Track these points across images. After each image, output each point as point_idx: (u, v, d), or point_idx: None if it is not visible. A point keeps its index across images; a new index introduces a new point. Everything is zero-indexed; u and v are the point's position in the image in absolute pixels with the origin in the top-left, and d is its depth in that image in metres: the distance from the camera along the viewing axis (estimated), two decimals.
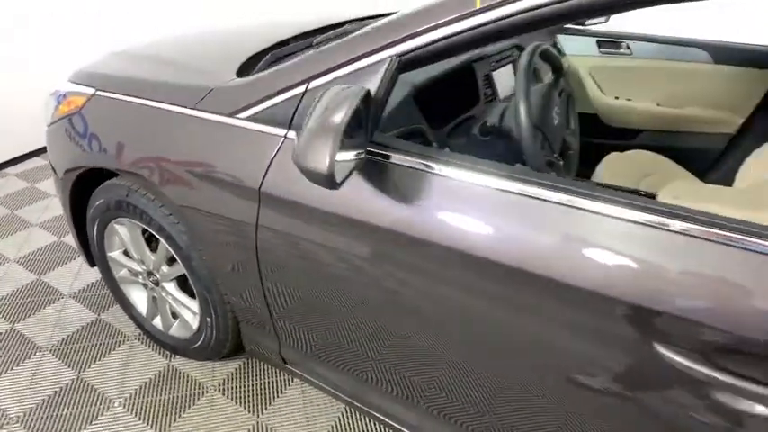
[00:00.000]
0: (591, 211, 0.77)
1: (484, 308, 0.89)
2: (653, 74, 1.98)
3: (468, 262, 0.85)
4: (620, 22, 2.13)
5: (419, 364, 1.05)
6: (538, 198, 0.81)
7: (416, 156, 0.93)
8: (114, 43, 2.19)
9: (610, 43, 2.04)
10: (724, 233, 0.69)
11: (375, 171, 0.96)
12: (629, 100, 2.05)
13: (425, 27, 0.90)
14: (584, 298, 0.76)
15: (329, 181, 0.79)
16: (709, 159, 1.97)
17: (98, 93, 1.45)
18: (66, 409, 1.50)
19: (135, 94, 1.34)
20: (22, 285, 1.99)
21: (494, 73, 1.49)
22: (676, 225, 0.71)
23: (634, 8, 0.82)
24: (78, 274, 2.05)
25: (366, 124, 0.90)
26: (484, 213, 0.85)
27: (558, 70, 1.43)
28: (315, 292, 1.13)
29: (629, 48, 2.01)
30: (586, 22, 2.13)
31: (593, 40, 2.06)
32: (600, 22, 2.18)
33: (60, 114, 1.54)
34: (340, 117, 0.79)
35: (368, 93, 0.87)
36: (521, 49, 1.48)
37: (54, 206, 2.50)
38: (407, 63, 0.94)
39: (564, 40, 2.10)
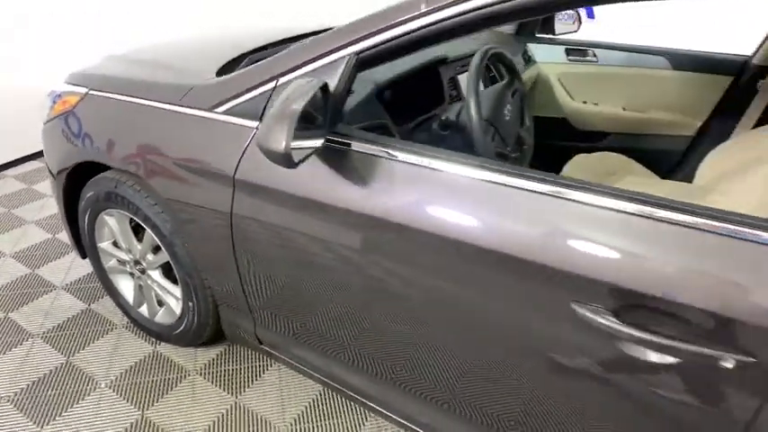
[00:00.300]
0: (516, 188, 0.87)
1: (435, 280, 0.98)
2: (617, 79, 2.09)
3: (422, 238, 0.95)
4: (588, 33, 2.26)
5: (385, 342, 1.14)
6: (479, 179, 0.91)
7: (374, 144, 1.03)
8: (114, 44, 2.31)
9: (577, 51, 2.16)
10: (643, 208, 0.78)
11: (337, 157, 1.06)
12: (596, 104, 2.17)
13: (379, 28, 1.01)
14: (520, 266, 0.86)
15: (287, 160, 0.90)
16: (672, 160, 2.08)
17: (91, 92, 1.55)
18: (54, 390, 1.59)
19: (124, 93, 1.45)
20: (16, 278, 2.08)
21: (459, 76, 1.60)
22: (607, 203, 0.80)
23: (571, 7, 0.93)
24: (70, 267, 2.14)
25: (326, 114, 1.01)
26: (432, 194, 0.95)
27: (511, 72, 1.54)
28: (284, 273, 1.23)
29: (595, 55, 2.13)
30: (557, 32, 2.25)
31: (562, 48, 2.18)
32: (572, 32, 2.31)
33: (55, 113, 1.65)
34: (297, 104, 0.90)
35: (325, 85, 0.98)
36: (499, 57, 1.59)
37: (50, 205, 2.60)
38: (365, 60, 1.05)
39: (535, 48, 2.22)
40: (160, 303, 1.72)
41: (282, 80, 1.14)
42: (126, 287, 1.77)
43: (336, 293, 1.16)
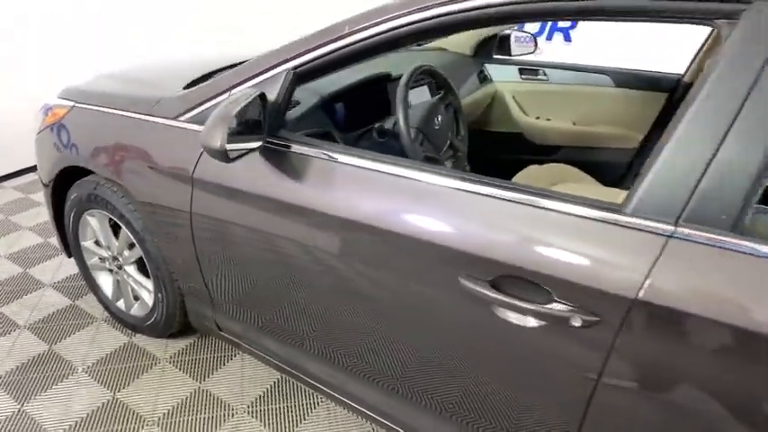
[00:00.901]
0: (427, 183, 1.03)
1: (362, 265, 1.13)
2: (567, 96, 2.26)
3: (352, 227, 1.09)
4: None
5: (328, 326, 1.28)
6: (397, 176, 1.06)
7: (312, 146, 1.19)
8: (114, 45, 2.44)
9: (529, 71, 2.34)
10: (513, 195, 0.93)
11: (279, 157, 1.22)
12: (548, 120, 2.34)
13: (311, 46, 1.18)
14: (417, 246, 1.01)
15: (223, 156, 1.06)
16: (618, 172, 2.23)
17: (76, 105, 1.74)
18: (36, 374, 1.74)
19: (104, 105, 1.63)
20: (9, 276, 2.24)
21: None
22: (496, 192, 0.95)
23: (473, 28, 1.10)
24: (59, 268, 2.31)
25: (264, 119, 1.18)
26: (359, 189, 1.10)
27: (443, 87, 1.70)
28: (236, 263, 1.38)
29: (545, 74, 2.31)
30: (513, 53, 2.43)
31: (516, 68, 2.36)
32: (529, 52, 2.49)
33: (46, 124, 1.84)
34: (232, 110, 1.07)
35: (262, 95, 1.15)
36: (432, 74, 1.76)
37: (44, 213, 2.75)
38: (301, 75, 1.22)
39: (491, 68, 2.41)
40: (136, 298, 1.87)
41: (234, 92, 1.31)
42: (105, 282, 1.93)
43: (282, 282, 1.30)
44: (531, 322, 0.93)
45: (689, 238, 0.80)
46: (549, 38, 4.22)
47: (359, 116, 1.60)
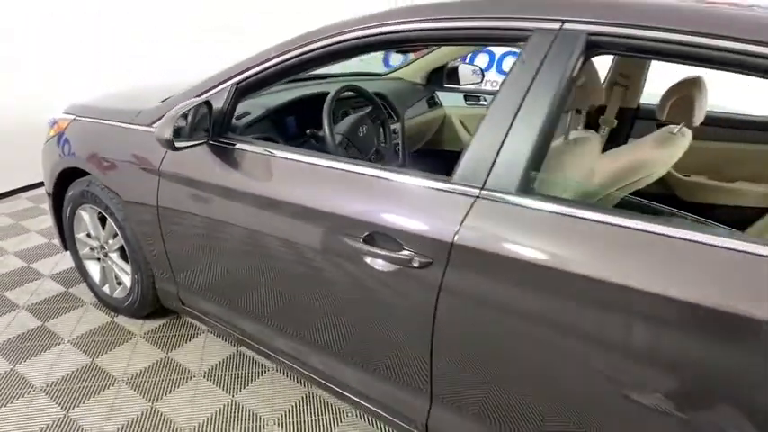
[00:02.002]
0: (325, 167, 1.34)
1: (284, 232, 1.42)
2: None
3: (283, 207, 1.39)
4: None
5: (268, 295, 1.56)
6: (309, 163, 1.38)
7: (251, 144, 1.52)
8: (113, 55, 2.67)
9: (473, 97, 2.68)
10: (377, 173, 1.25)
11: (225, 153, 1.55)
12: None
13: (248, 67, 1.53)
14: (320, 216, 1.31)
15: (169, 144, 1.40)
16: None
17: (77, 118, 2.11)
18: (29, 342, 2.04)
19: (98, 117, 1.99)
20: (14, 269, 2.58)
21: (351, 110, 2.12)
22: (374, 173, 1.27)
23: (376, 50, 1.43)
24: (58, 263, 2.64)
25: (210, 122, 1.51)
26: (286, 175, 1.42)
27: (369, 104, 2.04)
28: (192, 242, 1.69)
29: (485, 100, 2.64)
30: (461, 83, 2.78)
31: (461, 95, 2.71)
32: (476, 83, 2.84)
33: (51, 134, 2.20)
34: (180, 112, 1.40)
35: (207, 103, 1.49)
36: (360, 93, 2.08)
37: (50, 220, 3.13)
38: (242, 89, 1.56)
39: (441, 95, 2.75)
40: (119, 283, 2.19)
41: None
42: (94, 270, 2.25)
43: (229, 256, 1.61)
44: (389, 267, 1.22)
45: (489, 198, 1.10)
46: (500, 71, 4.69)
47: (301, 126, 1.94)
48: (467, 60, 2.90)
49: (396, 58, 3.91)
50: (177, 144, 1.42)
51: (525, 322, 1.07)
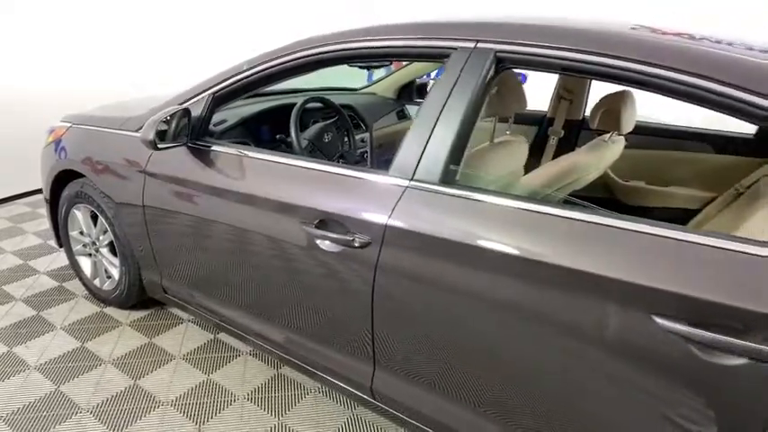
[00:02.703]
0: (288, 165, 1.56)
1: (254, 223, 1.63)
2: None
3: (252, 200, 1.60)
4: None
5: (246, 282, 1.75)
6: (274, 162, 1.59)
7: (225, 147, 1.73)
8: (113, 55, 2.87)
9: None
10: (330, 169, 1.46)
11: (202, 154, 1.76)
12: None
13: (223, 79, 1.75)
14: (281, 206, 1.52)
15: (151, 144, 1.62)
16: None
17: (73, 126, 2.32)
18: (23, 329, 2.23)
19: (91, 125, 2.21)
20: (12, 266, 2.78)
21: (320, 119, 2.34)
22: (307, 165, 1.49)
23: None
24: (53, 261, 2.84)
25: (189, 127, 1.73)
26: (254, 173, 1.63)
27: (336, 114, 2.27)
28: (174, 234, 1.90)
29: None
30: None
31: None
32: None
33: (50, 140, 2.42)
34: (161, 117, 1.62)
35: (186, 110, 1.71)
36: (326, 104, 2.32)
37: (46, 223, 3.33)
38: (218, 99, 1.79)
39: (410, 108, 2.99)
40: (108, 277, 2.38)
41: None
42: (86, 264, 2.45)
43: (206, 249, 1.81)
44: (337, 248, 1.43)
45: (416, 188, 1.32)
46: None
47: (273, 132, 2.16)
48: (431, 77, 3.14)
49: (377, 74, 4.15)
50: (159, 145, 1.64)
51: (446, 292, 1.28)
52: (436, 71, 3.59)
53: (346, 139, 2.28)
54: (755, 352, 0.92)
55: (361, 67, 2.80)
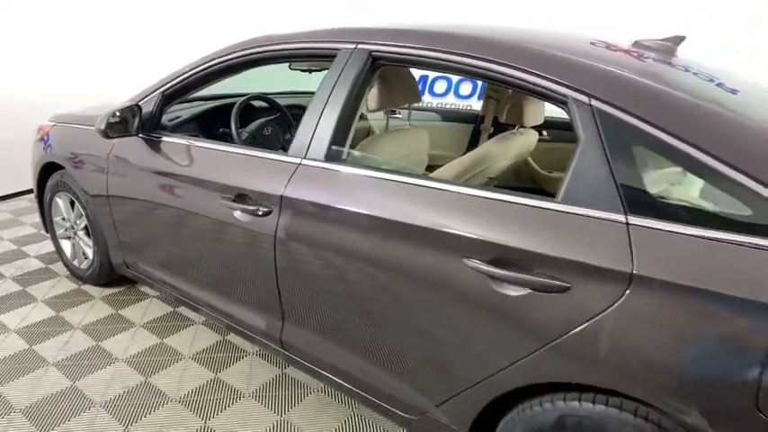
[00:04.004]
0: (220, 151, 1.85)
1: (194, 202, 1.91)
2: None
3: (195, 182, 1.88)
4: None
5: (189, 256, 2.03)
6: (211, 149, 1.88)
7: (174, 137, 2.03)
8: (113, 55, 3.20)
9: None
10: (250, 152, 1.75)
11: (154, 144, 2.06)
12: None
13: (171, 80, 2.06)
14: (216, 186, 1.80)
15: (104, 134, 1.92)
16: None
17: (57, 124, 2.65)
18: (9, 301, 2.55)
19: (71, 123, 2.54)
20: (7, 251, 3.12)
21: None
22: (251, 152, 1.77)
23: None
24: (43, 247, 3.17)
25: (140, 120, 2.03)
26: (192, 158, 1.92)
27: (276, 110, 2.56)
28: (132, 214, 2.20)
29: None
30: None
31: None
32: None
33: (38, 137, 2.75)
34: (113, 112, 1.93)
35: (137, 105, 2.01)
36: (268, 101, 2.61)
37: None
38: (167, 96, 2.09)
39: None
40: (86, 258, 2.69)
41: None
42: (67, 246, 2.77)
43: (159, 225, 2.09)
44: (247, 217, 1.69)
45: (307, 165, 1.58)
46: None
47: (220, 127, 2.46)
48: None
49: None
50: (110, 134, 1.95)
51: (327, 250, 1.53)
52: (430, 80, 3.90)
53: (288, 134, 2.56)
54: (533, 283, 1.16)
55: (302, 71, 3.09)
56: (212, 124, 2.45)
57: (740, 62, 2.88)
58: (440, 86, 5.46)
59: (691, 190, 1.13)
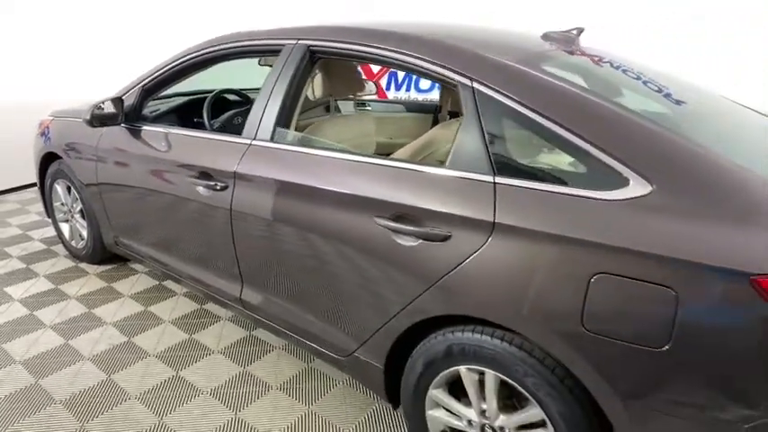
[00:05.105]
0: (189, 136, 2.12)
1: (169, 179, 2.19)
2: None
3: (162, 163, 2.17)
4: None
5: (168, 231, 2.31)
6: (182, 135, 2.16)
7: (152, 126, 2.31)
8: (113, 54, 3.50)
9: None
10: (209, 135, 2.02)
11: (135, 133, 2.34)
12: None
13: (150, 75, 2.34)
14: (182, 166, 2.08)
15: (89, 123, 2.20)
16: None
17: (55, 118, 2.96)
18: (13, 277, 2.85)
19: (68, 116, 2.83)
20: (14, 234, 3.44)
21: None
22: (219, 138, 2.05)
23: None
24: (47, 231, 3.48)
25: (123, 112, 2.31)
26: (168, 144, 2.20)
27: (247, 102, 2.83)
28: (119, 197, 2.48)
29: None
30: (357, 94, 3.55)
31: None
32: (372, 93, 3.61)
33: (39, 130, 3.06)
34: (98, 104, 2.21)
35: (119, 98, 2.29)
36: (239, 95, 2.89)
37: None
38: (147, 90, 2.37)
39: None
40: (82, 238, 2.99)
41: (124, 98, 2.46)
42: (65, 229, 3.07)
43: (142, 207, 2.37)
44: (208, 192, 1.96)
45: (256, 144, 1.85)
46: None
47: (196, 117, 2.74)
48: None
49: None
50: (94, 124, 2.23)
51: (273, 218, 1.79)
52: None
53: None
54: (422, 234, 1.41)
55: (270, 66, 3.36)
56: (189, 115, 2.73)
57: (740, 62, 3.06)
58: (424, 83, 5.70)
59: (546, 156, 1.38)
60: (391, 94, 4.41)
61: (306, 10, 4.97)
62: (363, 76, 2.72)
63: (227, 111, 2.72)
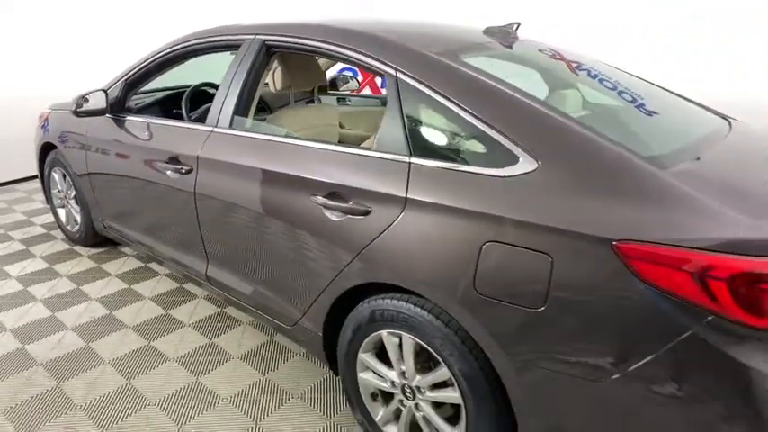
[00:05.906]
0: (179, 127, 2.31)
1: (153, 167, 2.38)
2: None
3: (152, 153, 2.35)
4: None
5: (148, 214, 2.50)
6: (156, 124, 2.35)
7: (136, 116, 2.50)
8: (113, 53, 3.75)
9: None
10: (188, 125, 2.20)
11: (119, 123, 2.54)
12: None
13: (132, 70, 2.53)
14: (158, 152, 2.27)
15: (75, 114, 2.40)
16: None
17: (53, 111, 3.18)
18: (13, 257, 3.08)
19: (62, 109, 3.05)
20: (17, 220, 3.68)
21: None
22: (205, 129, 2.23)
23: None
24: (49, 217, 3.72)
25: (107, 103, 2.51)
26: (149, 132, 2.39)
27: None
28: (105, 181, 2.68)
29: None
30: (339, 89, 3.71)
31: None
32: (355, 88, 3.76)
33: (39, 122, 3.29)
34: (84, 96, 2.41)
35: (104, 90, 2.49)
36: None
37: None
38: (129, 84, 2.56)
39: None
40: (77, 223, 3.21)
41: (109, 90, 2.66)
42: (62, 214, 3.29)
43: (126, 192, 2.56)
44: (176, 175, 2.14)
45: (217, 132, 2.02)
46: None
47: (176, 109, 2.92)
48: (342, 73, 3.83)
49: None
50: (79, 114, 2.43)
51: (230, 197, 1.95)
52: (343, 67, 4.30)
53: None
54: (348, 209, 1.56)
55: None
56: (171, 108, 2.92)
57: (740, 62, 3.11)
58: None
59: (454, 138, 1.51)
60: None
61: (306, 10, 5.15)
62: (322, 69, 2.84)
63: (207, 103, 2.91)
